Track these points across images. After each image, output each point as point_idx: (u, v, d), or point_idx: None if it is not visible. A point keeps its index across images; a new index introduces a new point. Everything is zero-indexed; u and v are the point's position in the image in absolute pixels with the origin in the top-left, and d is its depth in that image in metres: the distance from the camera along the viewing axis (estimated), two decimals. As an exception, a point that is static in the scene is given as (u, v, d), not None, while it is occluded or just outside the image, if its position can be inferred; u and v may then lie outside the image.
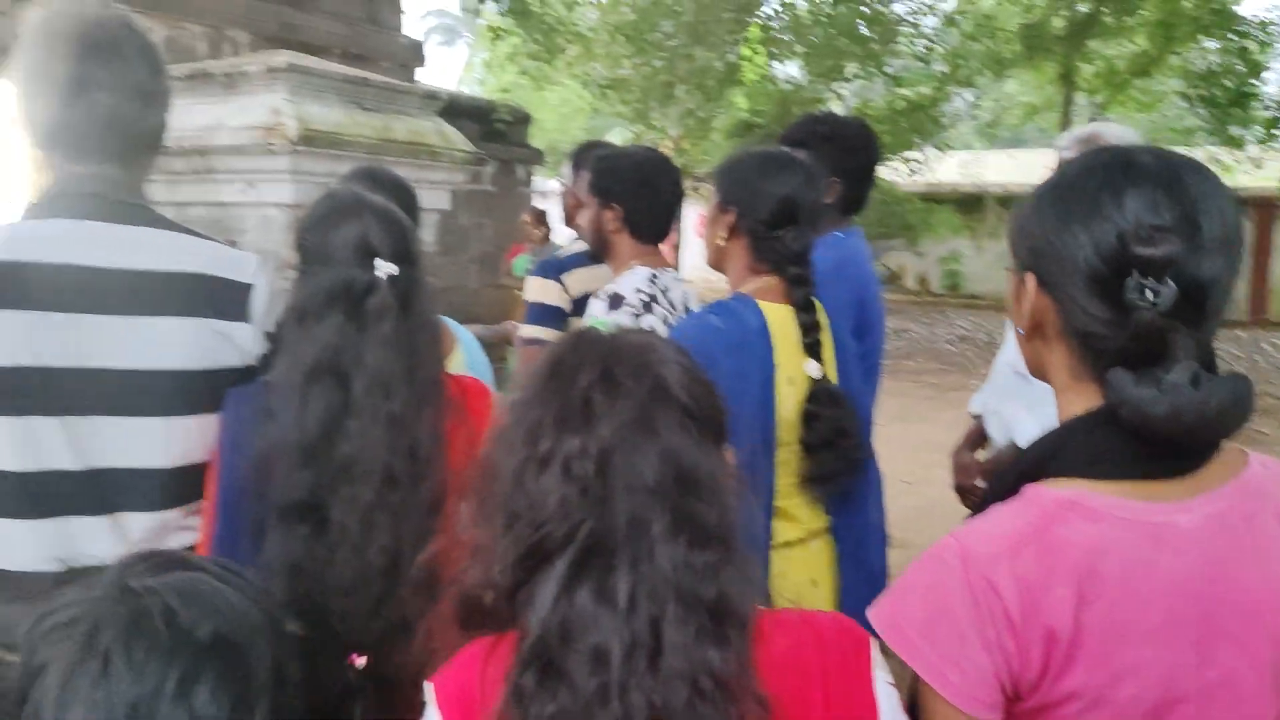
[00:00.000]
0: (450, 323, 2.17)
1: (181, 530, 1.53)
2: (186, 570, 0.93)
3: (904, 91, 12.89)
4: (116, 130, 1.53)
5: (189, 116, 3.37)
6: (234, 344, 1.54)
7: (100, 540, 1.46)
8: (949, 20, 13.26)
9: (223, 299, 1.54)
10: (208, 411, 1.51)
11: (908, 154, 12.80)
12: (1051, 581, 0.96)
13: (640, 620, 0.91)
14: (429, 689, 0.99)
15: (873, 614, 1.05)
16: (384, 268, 1.47)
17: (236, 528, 1.44)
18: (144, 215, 1.55)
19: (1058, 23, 14.78)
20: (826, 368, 1.90)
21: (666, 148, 10.46)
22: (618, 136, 16.49)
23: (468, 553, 1.02)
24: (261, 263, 1.62)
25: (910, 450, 6.53)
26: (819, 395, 1.85)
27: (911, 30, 11.40)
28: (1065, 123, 14.70)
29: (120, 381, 1.46)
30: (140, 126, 1.57)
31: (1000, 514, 1.03)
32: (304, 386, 1.43)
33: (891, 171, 12.63)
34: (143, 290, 1.48)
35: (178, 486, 1.52)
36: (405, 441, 1.46)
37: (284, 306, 1.57)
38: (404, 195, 2.07)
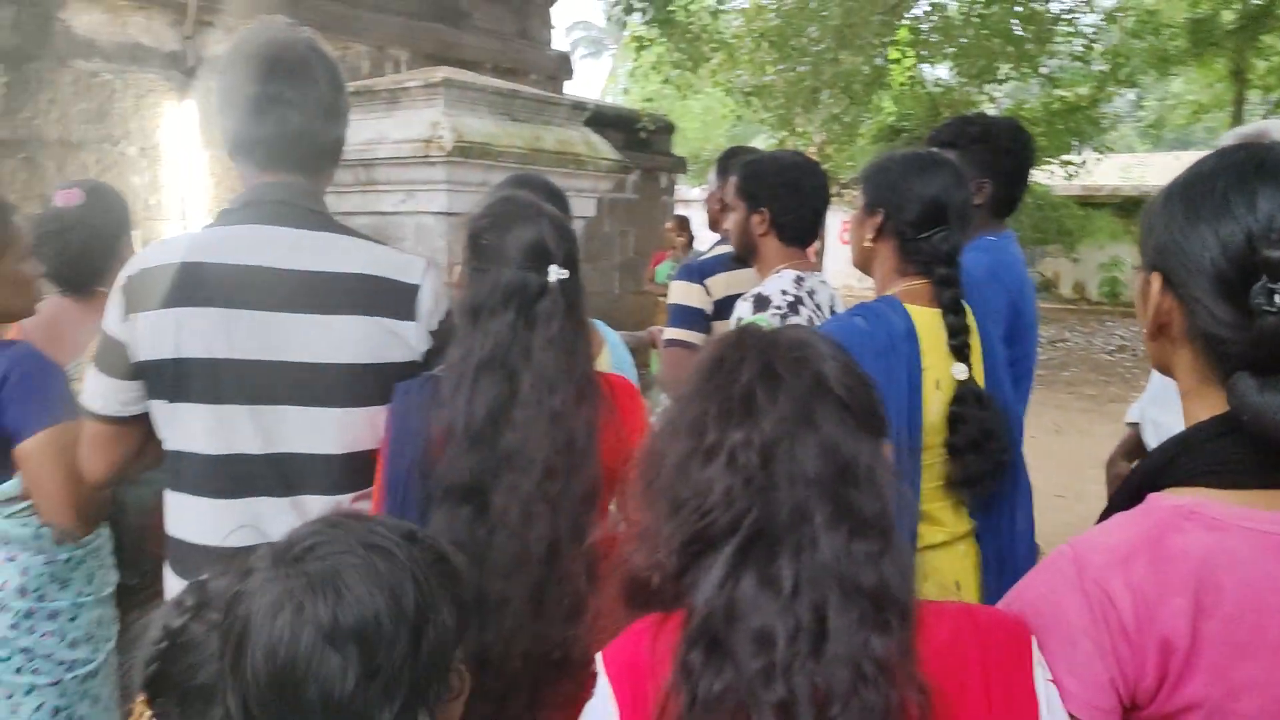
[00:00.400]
0: (599, 324, 2.25)
1: (347, 516, 1.64)
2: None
3: (1061, 92, 12.41)
4: (303, 143, 1.66)
5: (355, 131, 3.53)
6: (402, 341, 1.65)
7: (283, 520, 1.58)
8: (1109, 17, 12.70)
9: (393, 299, 1.64)
10: (377, 403, 1.62)
11: (1065, 157, 12.32)
12: (1166, 591, 0.95)
13: (803, 606, 0.94)
14: (599, 660, 1.05)
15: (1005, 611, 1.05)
16: (556, 272, 1.56)
17: (400, 511, 1.54)
18: (325, 221, 1.68)
19: (1228, 16, 13.97)
20: (974, 371, 1.88)
21: (811, 153, 10.39)
22: (761, 143, 16.48)
23: (633, 537, 1.07)
24: (429, 265, 1.72)
25: (1065, 464, 6.30)
26: (965, 398, 1.84)
27: (1069, 28, 10.97)
28: (1236, 122, 13.87)
29: (301, 374, 1.59)
30: (323, 139, 1.70)
31: (1117, 522, 1.03)
32: (474, 377, 1.53)
33: (1047, 175, 12.18)
34: (322, 290, 1.60)
35: (350, 472, 1.63)
36: (564, 435, 1.54)
37: (454, 303, 1.67)
38: (559, 202, 2.16)
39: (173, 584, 1.67)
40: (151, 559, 1.87)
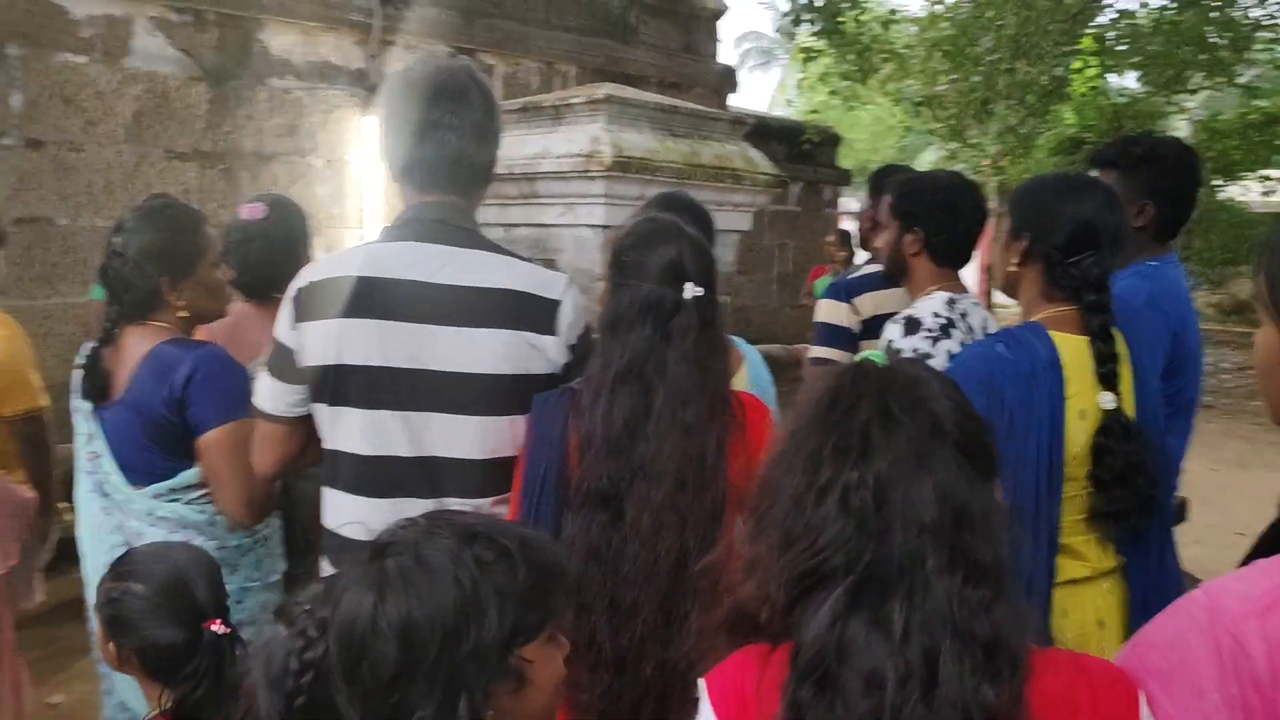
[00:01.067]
0: (738, 341, 2.27)
1: (491, 517, 1.73)
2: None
3: (1260, 103, 11.60)
4: (459, 165, 1.77)
5: (521, 146, 3.70)
6: (542, 354, 1.72)
7: (429, 521, 1.69)
8: (1319, 20, 11.80)
9: (535, 314, 1.72)
10: (518, 413, 1.70)
11: (1262, 172, 11.49)
12: None
13: (914, 651, 0.95)
14: (701, 685, 1.07)
15: (1115, 663, 1.03)
16: (691, 290, 1.61)
17: (535, 516, 1.62)
18: (475, 239, 1.78)
19: None
20: (1123, 401, 1.81)
21: (985, 165, 10.06)
22: (932, 154, 16.04)
23: (743, 567, 1.09)
24: (569, 282, 1.79)
25: (1249, 499, 5.89)
26: (1112, 428, 1.77)
27: (1270, 35, 10.24)
28: None
29: (448, 382, 1.68)
30: (477, 161, 1.81)
31: (1259, 569, 0.98)
32: (612, 388, 1.60)
33: (1242, 191, 11.39)
34: (470, 304, 1.69)
35: (490, 477, 1.72)
36: (695, 450, 1.59)
37: (592, 319, 1.74)
38: (702, 219, 2.20)
39: (328, 574, 1.80)
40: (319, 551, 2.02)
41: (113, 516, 2.13)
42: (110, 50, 4.88)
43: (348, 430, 1.72)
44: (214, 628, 1.56)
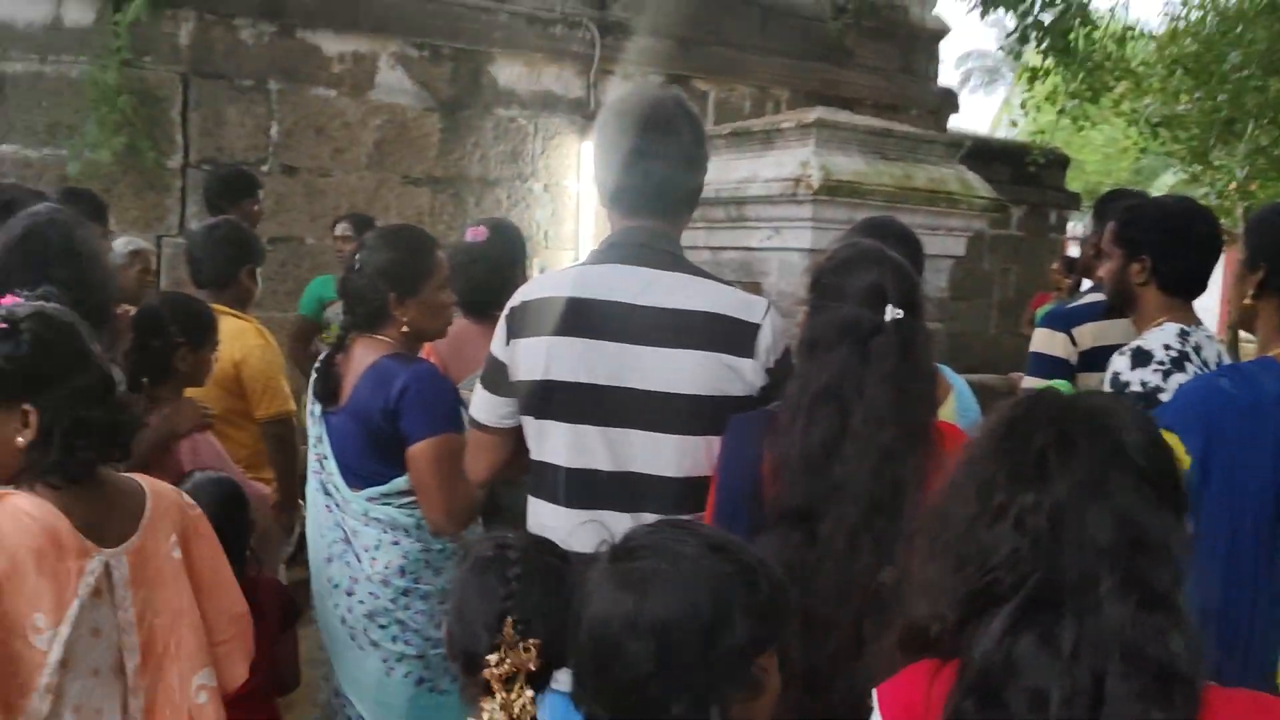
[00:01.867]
0: (945, 370, 2.21)
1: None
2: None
3: None
4: (665, 192, 1.83)
5: (730, 170, 3.75)
6: (740, 376, 1.75)
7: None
8: None
9: (734, 337, 1.75)
10: (714, 433, 1.73)
11: None
12: None
13: (1082, 670, 0.94)
14: (874, 695, 1.10)
15: None
16: (891, 312, 1.60)
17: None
18: (679, 263, 1.83)
19: None
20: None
21: (1231, 190, 9.31)
22: (1170, 177, 14.97)
23: (915, 587, 1.10)
24: (770, 306, 1.81)
25: None
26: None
27: None
28: None
29: (649, 401, 1.74)
30: (685, 189, 1.86)
31: None
32: (810, 407, 1.60)
33: None
34: (671, 326, 1.74)
35: (685, 495, 1.76)
36: (891, 474, 1.57)
37: (791, 342, 1.76)
38: (910, 245, 2.17)
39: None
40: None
41: (334, 514, 2.31)
42: (357, 84, 5.30)
43: (553, 443, 1.81)
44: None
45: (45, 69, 4.52)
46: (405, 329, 2.30)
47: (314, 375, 2.41)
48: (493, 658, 1.26)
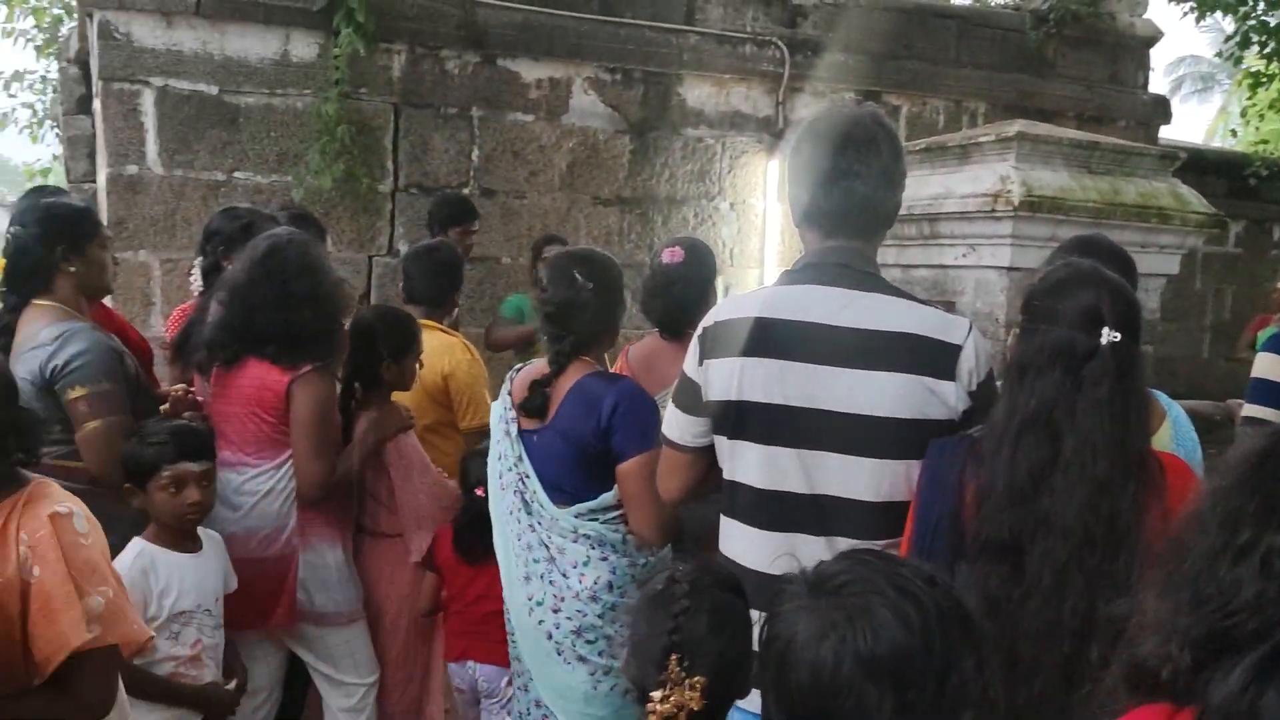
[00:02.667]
0: (1160, 396, 2.09)
1: (882, 560, 1.73)
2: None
3: None
4: (866, 212, 1.81)
5: (924, 187, 3.66)
6: (941, 399, 1.70)
7: (816, 558, 1.72)
8: None
9: (935, 359, 1.71)
10: (913, 457, 1.69)
11: None
12: None
13: None
14: None
15: None
16: (1108, 335, 1.52)
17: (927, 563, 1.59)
18: (876, 283, 1.80)
19: None
20: None
21: None
22: None
23: (1143, 624, 1.04)
24: (972, 327, 1.76)
25: None
26: None
27: None
28: None
29: (844, 423, 1.71)
30: (884, 208, 1.83)
31: None
32: (1017, 434, 1.55)
33: None
34: (869, 347, 1.71)
35: (882, 520, 1.72)
36: (1106, 507, 1.49)
37: (994, 365, 1.70)
38: (1121, 263, 2.07)
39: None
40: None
41: (537, 532, 2.37)
42: (552, 109, 5.49)
43: (745, 464, 1.81)
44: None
45: (274, 101, 4.90)
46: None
47: (506, 394, 2.50)
48: (657, 694, 1.23)
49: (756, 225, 6.06)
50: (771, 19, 5.98)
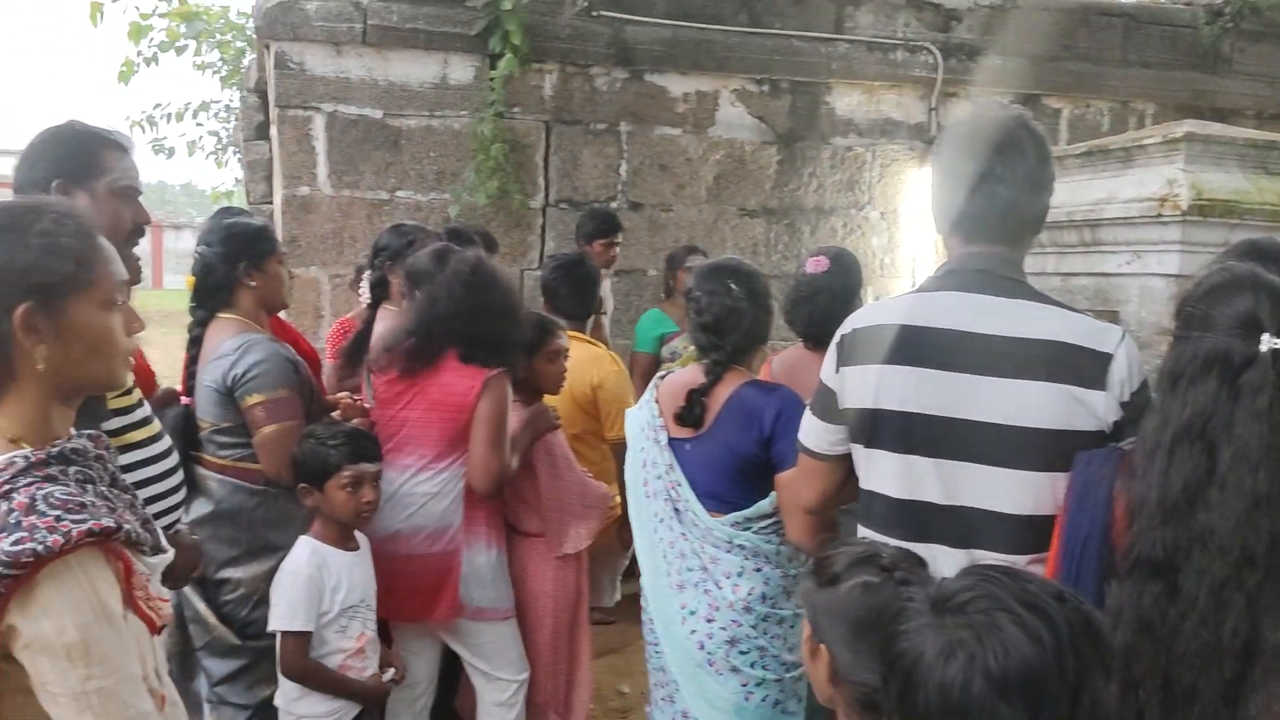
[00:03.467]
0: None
1: (1026, 575, 1.67)
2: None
3: None
4: (1010, 217, 1.76)
5: (1084, 192, 3.53)
6: (1089, 410, 1.64)
7: (955, 570, 1.69)
8: None
9: (1083, 367, 1.64)
10: (1060, 469, 1.63)
11: None
12: None
13: None
14: None
15: None
16: (1269, 342, 1.44)
17: (1075, 580, 1.53)
18: (1021, 289, 1.75)
19: None
20: None
21: None
22: None
23: None
24: (1124, 335, 1.69)
25: None
26: None
27: None
28: None
29: (985, 433, 1.67)
30: (1029, 212, 1.78)
31: None
32: (1171, 447, 1.47)
33: None
34: (1013, 355, 1.66)
35: (1026, 534, 1.67)
36: (1266, 524, 1.40)
37: (1149, 374, 1.62)
38: None
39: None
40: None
41: (689, 541, 2.39)
42: (699, 122, 5.54)
43: (881, 472, 1.79)
44: None
45: (433, 123, 5.12)
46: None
47: (653, 402, 2.54)
48: None
49: (907, 234, 5.94)
50: (924, 24, 5.87)
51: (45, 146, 2.09)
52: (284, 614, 2.46)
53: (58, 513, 1.23)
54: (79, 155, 2.07)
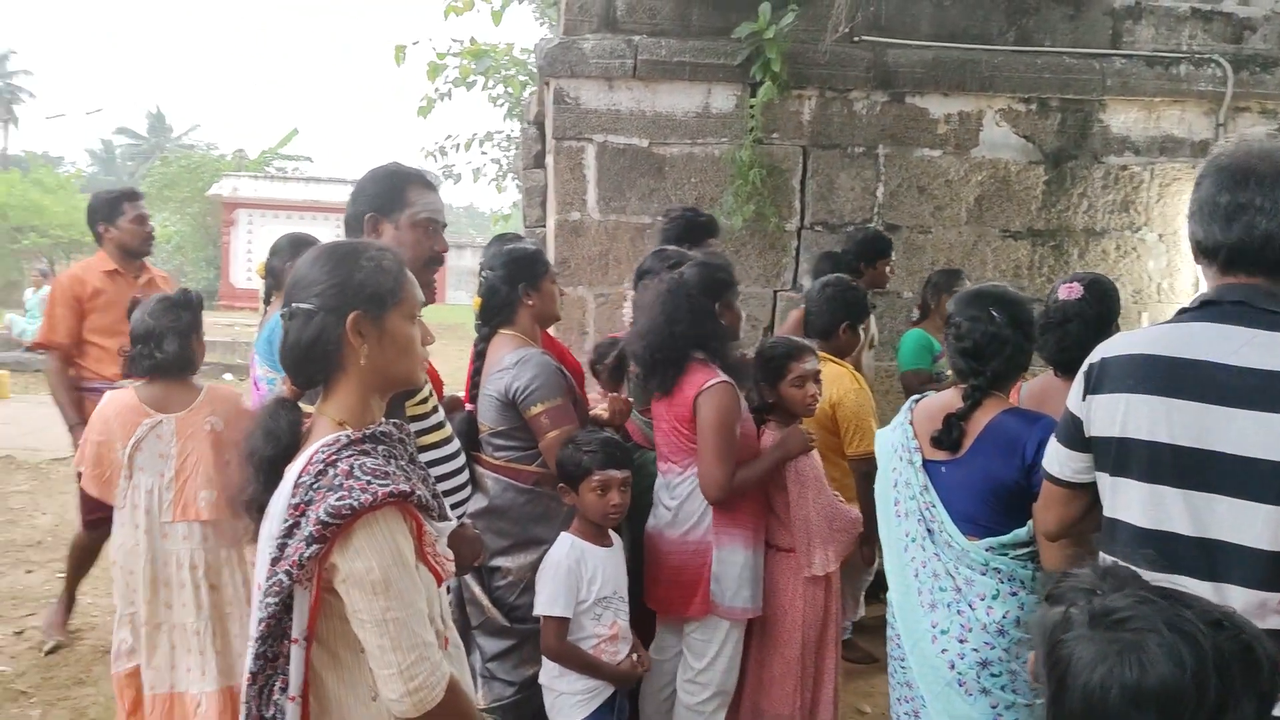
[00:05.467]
0: None
1: (1276, 614, 1.62)
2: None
3: None
4: (1267, 247, 1.71)
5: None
6: None
7: (1204, 603, 1.66)
8: None
9: None
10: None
11: None
12: None
13: None
14: None
15: None
16: None
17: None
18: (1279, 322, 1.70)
19: None
20: None
21: None
22: None
23: None
24: None
25: None
26: None
27: None
28: None
29: (1238, 466, 1.63)
30: None
31: None
32: None
33: None
34: (1268, 388, 1.62)
35: (1277, 571, 1.62)
36: None
37: None
38: None
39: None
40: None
41: (942, 561, 2.43)
42: (961, 143, 5.47)
43: (1127, 501, 1.78)
44: None
45: (695, 150, 5.36)
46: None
47: (907, 424, 2.59)
48: None
49: (1187, 258, 5.58)
50: (1212, 35, 5.51)
51: (365, 183, 2.47)
52: (546, 600, 2.73)
53: (368, 478, 1.54)
54: (388, 191, 2.43)
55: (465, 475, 2.53)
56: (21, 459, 8.60)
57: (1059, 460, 1.95)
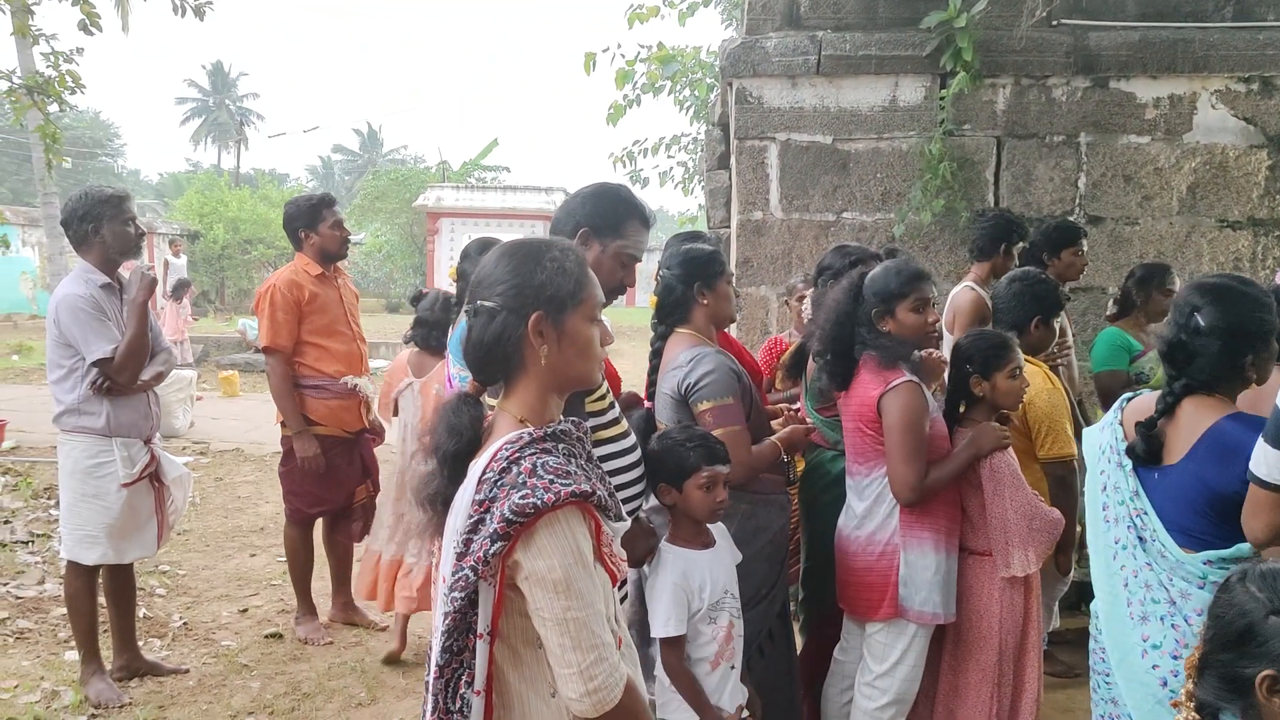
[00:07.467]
0: None
1: None
2: None
3: None
4: None
5: None
6: None
7: None
8: None
9: None
10: None
11: None
12: None
13: None
14: None
15: None
16: None
17: None
18: None
19: None
20: None
21: None
22: None
23: None
24: None
25: None
26: None
27: None
28: None
29: None
30: None
31: None
32: None
33: None
34: None
35: None
36: None
37: None
38: None
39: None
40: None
41: (1155, 571, 2.28)
42: (1172, 128, 5.12)
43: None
44: None
45: (880, 145, 5.25)
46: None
47: (1117, 424, 2.44)
48: None
49: None
50: None
51: (588, 197, 2.51)
52: (660, 621, 2.65)
53: (551, 477, 1.56)
54: (610, 214, 2.48)
55: (640, 471, 2.57)
56: (249, 452, 9.36)
57: (1268, 462, 1.81)
